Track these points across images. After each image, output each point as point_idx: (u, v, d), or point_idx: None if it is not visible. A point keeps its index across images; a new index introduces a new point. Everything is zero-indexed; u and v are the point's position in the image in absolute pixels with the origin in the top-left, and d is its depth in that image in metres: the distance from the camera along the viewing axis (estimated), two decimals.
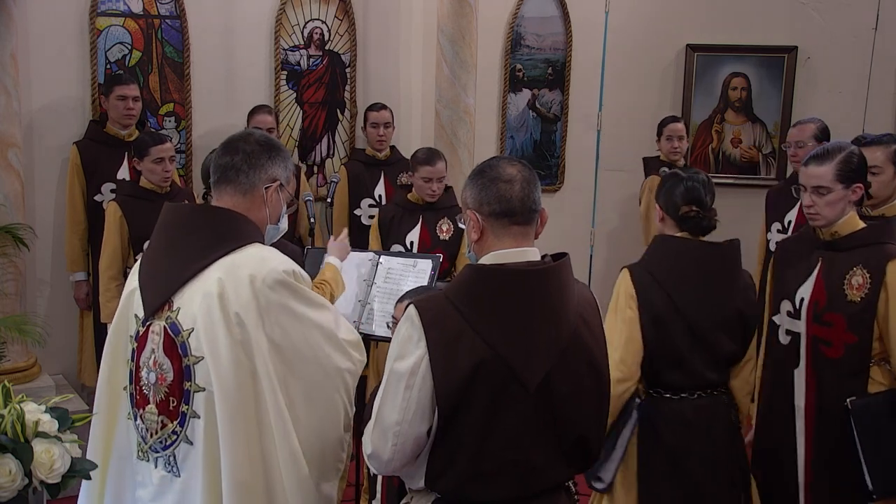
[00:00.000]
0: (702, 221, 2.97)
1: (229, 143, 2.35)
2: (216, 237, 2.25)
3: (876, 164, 3.35)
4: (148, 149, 4.27)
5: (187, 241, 2.28)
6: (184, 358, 2.22)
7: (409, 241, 4.54)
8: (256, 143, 2.34)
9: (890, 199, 3.45)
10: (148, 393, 2.29)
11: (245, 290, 2.18)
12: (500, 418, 2.02)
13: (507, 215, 2.09)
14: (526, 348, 2.02)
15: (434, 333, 2.01)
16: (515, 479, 2.06)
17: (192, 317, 2.21)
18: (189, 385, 2.22)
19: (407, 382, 2.02)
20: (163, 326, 2.26)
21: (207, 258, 2.22)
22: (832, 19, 5.86)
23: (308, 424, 2.26)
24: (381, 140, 5.21)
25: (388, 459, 2.06)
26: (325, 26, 5.47)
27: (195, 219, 2.34)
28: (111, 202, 4.37)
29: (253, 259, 2.22)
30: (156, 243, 2.39)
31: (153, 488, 2.32)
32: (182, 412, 2.23)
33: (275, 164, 2.34)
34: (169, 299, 2.25)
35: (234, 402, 2.17)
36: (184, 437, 2.24)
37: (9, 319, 3.97)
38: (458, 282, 2.09)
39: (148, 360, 2.29)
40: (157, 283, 2.30)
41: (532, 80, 6.07)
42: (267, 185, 2.33)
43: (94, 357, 4.67)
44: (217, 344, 2.18)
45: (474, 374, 1.99)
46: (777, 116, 6.00)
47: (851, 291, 2.87)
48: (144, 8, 4.97)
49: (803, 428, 3.01)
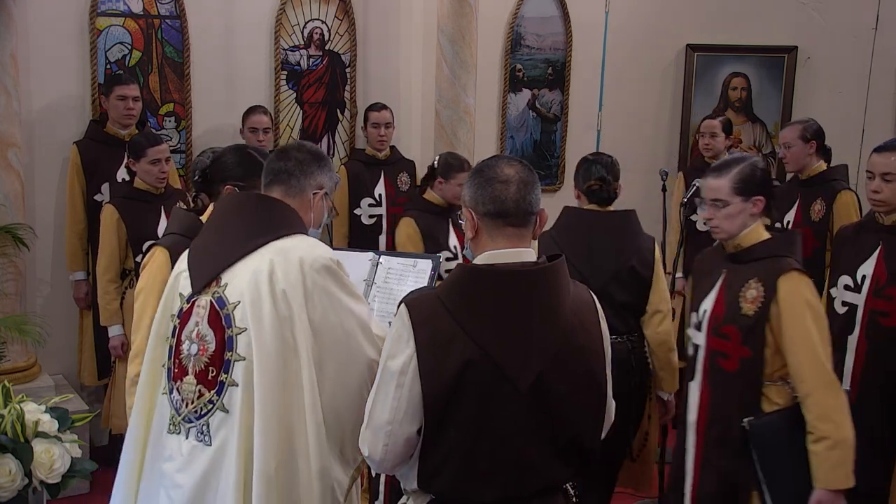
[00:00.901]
0: (602, 193, 3.64)
1: (283, 151, 2.52)
2: (270, 223, 2.40)
3: (890, 170, 3.36)
4: (144, 150, 4.27)
5: (240, 224, 2.43)
6: (227, 329, 2.33)
7: (453, 246, 4.46)
8: (308, 152, 2.52)
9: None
10: (187, 364, 2.38)
11: (294, 271, 2.30)
12: (491, 418, 2.01)
13: (501, 216, 2.09)
14: (517, 349, 2.02)
15: (423, 332, 2.00)
16: (509, 478, 2.05)
17: (239, 292, 2.33)
18: (230, 355, 2.32)
19: (397, 381, 2.02)
20: (209, 300, 2.37)
21: (260, 240, 2.36)
22: (832, 19, 5.86)
23: (332, 406, 2.34)
24: (382, 140, 5.21)
25: (381, 459, 2.07)
26: (325, 26, 5.47)
27: (250, 205, 2.47)
28: (107, 204, 4.36)
29: (303, 244, 2.37)
30: (209, 227, 2.54)
31: (181, 460, 2.37)
32: (220, 381, 2.33)
33: (323, 173, 2.50)
34: (217, 276, 2.38)
35: (273, 371, 2.28)
36: (220, 406, 2.33)
37: (9, 319, 3.96)
38: (450, 281, 2.08)
39: (191, 333, 2.39)
40: (207, 261, 2.43)
41: (532, 80, 6.08)
42: (315, 192, 2.48)
43: (94, 357, 4.67)
44: (262, 317, 2.29)
45: (462, 374, 1.98)
46: (777, 116, 6.01)
47: (746, 304, 2.78)
48: (144, 8, 4.97)
49: (693, 444, 2.93)
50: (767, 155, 6.06)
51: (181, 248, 2.89)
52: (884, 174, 3.34)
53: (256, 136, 4.90)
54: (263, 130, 4.94)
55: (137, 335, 2.88)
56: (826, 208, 4.43)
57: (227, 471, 2.29)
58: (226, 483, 2.28)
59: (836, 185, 4.47)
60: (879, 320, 3.32)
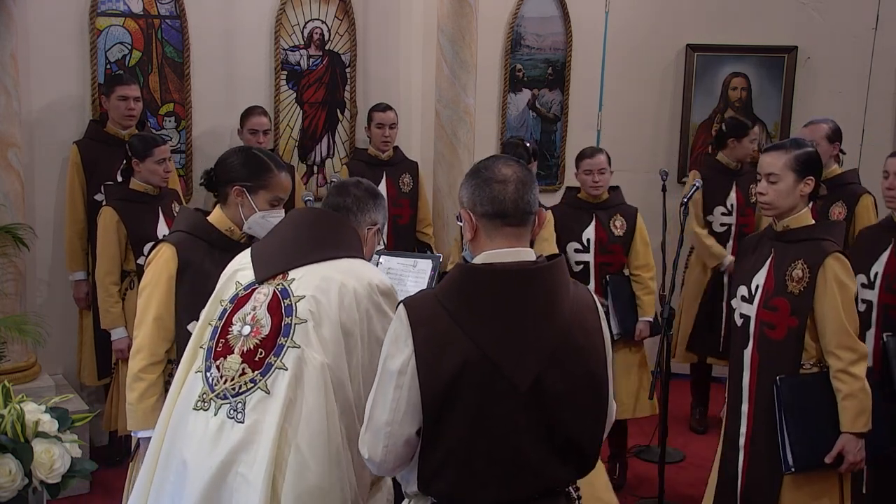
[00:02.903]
0: None
1: (342, 186, 2.70)
2: (344, 241, 2.59)
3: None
4: (151, 150, 4.27)
5: (315, 233, 2.60)
6: (286, 317, 2.44)
7: (586, 239, 4.51)
8: (365, 190, 2.69)
9: None
10: (234, 344, 2.47)
11: (363, 287, 2.48)
12: (489, 418, 2.01)
13: (500, 216, 2.09)
14: (514, 348, 2.01)
15: (421, 333, 2.00)
16: (508, 480, 2.04)
17: (307, 288, 2.46)
18: (284, 341, 2.42)
19: (396, 382, 2.02)
20: (273, 290, 2.50)
21: (332, 252, 2.54)
22: (832, 19, 5.86)
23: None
24: (386, 141, 5.21)
25: (382, 461, 2.06)
26: (325, 26, 5.48)
27: (328, 221, 2.64)
28: (106, 207, 4.34)
29: (371, 269, 2.58)
30: (278, 232, 2.67)
31: (205, 436, 2.41)
32: (268, 363, 2.42)
33: (377, 210, 2.69)
34: (286, 271, 2.52)
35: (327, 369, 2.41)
36: (262, 386, 2.40)
37: (9, 319, 3.96)
38: (448, 281, 2.08)
39: (245, 316, 2.49)
40: (276, 256, 2.57)
41: (532, 80, 6.08)
42: (369, 227, 2.67)
43: (94, 357, 4.67)
44: (323, 317, 2.43)
45: (460, 374, 1.98)
46: (777, 116, 6.00)
47: (792, 283, 3.08)
48: (144, 8, 4.97)
49: (747, 403, 3.22)
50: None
51: (187, 245, 2.92)
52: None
53: (256, 137, 4.89)
54: (263, 132, 4.93)
55: (140, 331, 2.90)
56: (847, 211, 4.44)
57: (261, 450, 2.34)
58: (257, 461, 2.34)
59: (856, 188, 4.49)
60: (892, 314, 3.46)
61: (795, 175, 3.08)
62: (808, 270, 3.04)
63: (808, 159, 3.11)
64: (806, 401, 3.05)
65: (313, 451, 2.37)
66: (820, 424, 3.03)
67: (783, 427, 3.06)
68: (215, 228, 2.96)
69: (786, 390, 3.06)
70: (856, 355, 3.00)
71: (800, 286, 3.05)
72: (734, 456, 3.25)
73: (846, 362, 2.99)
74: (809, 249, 3.07)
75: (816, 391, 3.05)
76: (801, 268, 3.06)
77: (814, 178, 3.11)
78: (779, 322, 3.11)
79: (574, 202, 4.61)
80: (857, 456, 3.01)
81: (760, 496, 3.16)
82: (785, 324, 3.09)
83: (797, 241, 3.11)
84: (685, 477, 4.77)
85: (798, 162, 3.09)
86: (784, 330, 3.09)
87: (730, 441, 3.29)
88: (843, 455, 3.01)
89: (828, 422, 3.03)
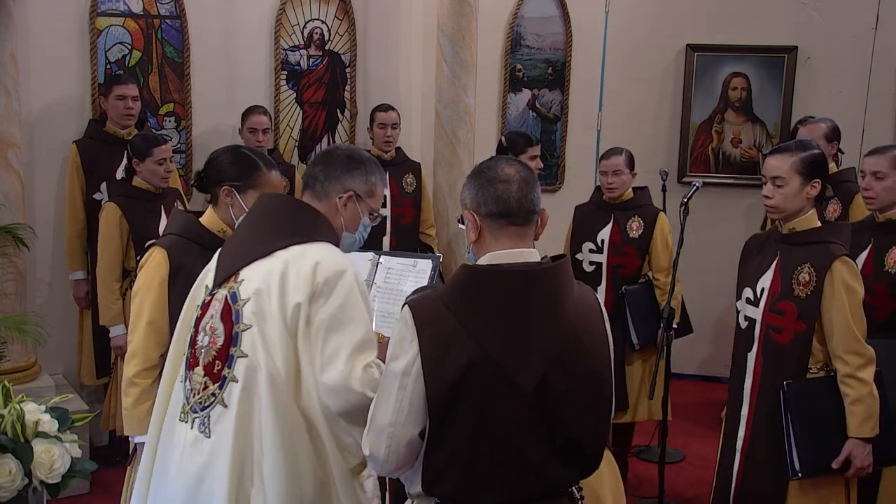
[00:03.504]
0: None
1: (318, 155, 2.58)
2: (295, 226, 2.42)
3: (879, 168, 3.50)
4: (151, 150, 4.27)
5: (268, 224, 2.45)
6: (235, 325, 2.35)
7: (601, 239, 4.52)
8: (337, 156, 2.52)
9: None
10: (199, 356, 2.41)
11: (306, 275, 2.30)
12: (494, 419, 2.01)
13: (505, 216, 2.09)
14: (519, 349, 2.01)
15: (427, 334, 2.00)
16: (513, 481, 2.04)
17: (250, 289, 2.35)
18: (234, 350, 2.34)
19: (400, 383, 2.02)
20: (224, 295, 2.40)
21: (282, 242, 2.38)
22: (832, 19, 5.86)
23: None
24: (389, 141, 5.21)
25: (384, 460, 2.06)
26: (325, 26, 5.48)
27: (281, 207, 2.51)
28: (109, 203, 4.34)
29: (322, 251, 2.37)
30: (241, 225, 2.57)
31: (185, 449, 2.39)
32: (223, 375, 2.34)
33: (352, 177, 2.49)
34: (237, 271, 2.41)
35: (274, 374, 2.29)
36: (220, 400, 2.34)
37: (9, 319, 3.96)
38: (453, 282, 2.08)
39: (206, 325, 2.42)
40: (231, 256, 2.47)
41: (532, 80, 6.08)
42: (340, 195, 2.47)
43: (94, 357, 4.67)
44: (266, 316, 2.31)
45: (465, 375, 1.98)
46: (777, 116, 6.00)
47: (799, 287, 3.05)
48: (144, 8, 4.97)
49: (747, 407, 3.20)
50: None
51: (179, 248, 2.89)
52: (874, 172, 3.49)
53: (256, 136, 4.90)
54: (263, 131, 4.93)
55: (133, 336, 2.87)
56: (842, 209, 4.43)
57: (220, 465, 2.29)
58: (219, 477, 2.29)
59: (851, 187, 4.47)
60: (872, 315, 3.33)
61: (802, 178, 3.04)
62: (815, 274, 3.00)
63: (814, 161, 3.07)
64: (813, 406, 3.01)
65: (276, 461, 2.27)
66: (827, 429, 2.99)
67: (790, 432, 3.02)
68: (207, 230, 2.92)
69: (793, 395, 3.01)
70: (863, 360, 2.97)
71: (807, 290, 3.01)
72: (731, 460, 3.23)
73: (854, 367, 2.96)
74: (817, 252, 3.03)
75: (823, 396, 3.01)
76: (807, 271, 3.02)
77: (820, 181, 3.06)
78: (785, 326, 3.07)
79: (597, 202, 4.64)
80: (865, 461, 2.98)
81: (758, 501, 3.14)
82: (792, 328, 3.05)
83: (804, 244, 3.07)
84: (685, 477, 4.77)
85: (804, 164, 3.05)
86: (791, 334, 3.05)
87: (728, 445, 3.27)
88: (851, 460, 2.98)
89: (835, 427, 2.99)
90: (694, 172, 6.07)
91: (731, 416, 3.28)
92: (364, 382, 2.24)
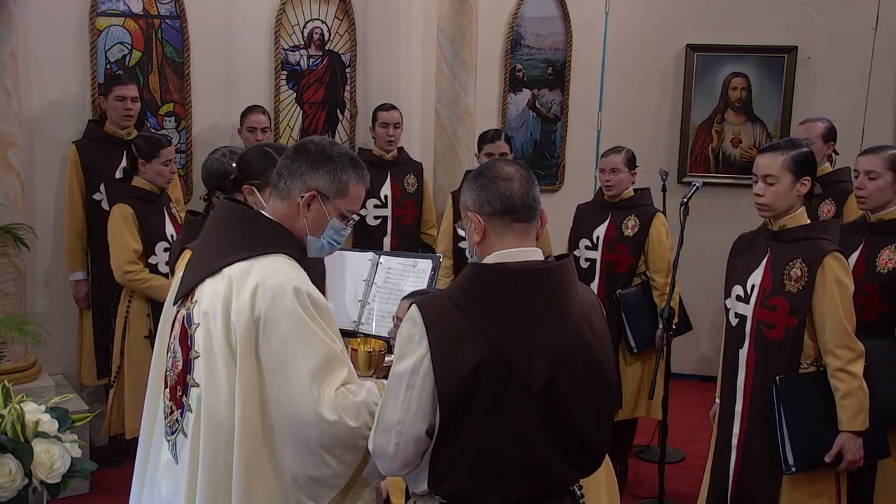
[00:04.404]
0: None
1: (290, 148, 2.33)
2: (245, 239, 2.21)
3: (872, 168, 3.48)
4: (158, 151, 4.28)
5: (220, 237, 2.28)
6: (190, 350, 2.21)
7: (596, 236, 4.56)
8: (307, 151, 2.26)
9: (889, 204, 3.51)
10: (168, 377, 2.30)
11: (245, 297, 2.12)
12: (502, 418, 2.01)
13: (509, 213, 2.09)
14: (528, 348, 2.02)
15: (436, 332, 2.00)
16: (520, 480, 2.05)
17: (201, 311, 2.19)
18: (189, 378, 2.21)
19: (408, 381, 2.02)
20: (183, 316, 2.26)
21: (230, 258, 2.19)
22: (832, 19, 5.86)
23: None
24: (391, 140, 5.20)
25: (392, 457, 2.06)
26: (325, 26, 5.47)
27: (233, 217, 2.30)
28: (120, 203, 4.30)
29: (265, 269, 2.15)
30: (202, 237, 2.38)
31: (163, 469, 2.34)
32: (182, 403, 2.23)
33: (317, 174, 2.23)
34: (192, 290, 2.25)
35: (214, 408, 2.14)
36: (181, 428, 2.23)
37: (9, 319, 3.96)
38: (461, 281, 2.08)
39: (172, 346, 2.30)
40: (189, 272, 2.30)
41: (532, 80, 6.08)
42: (303, 195, 2.23)
43: (94, 357, 4.67)
44: (212, 344, 2.16)
45: (476, 374, 1.98)
46: (777, 116, 6.00)
47: (790, 282, 3.09)
48: (144, 8, 4.97)
49: (741, 403, 3.23)
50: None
51: None
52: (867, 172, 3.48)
53: (255, 135, 4.89)
54: (262, 130, 4.93)
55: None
56: (836, 209, 4.42)
57: (182, 497, 2.21)
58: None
59: (845, 187, 4.44)
60: (861, 316, 3.34)
61: (792, 175, 3.08)
62: (806, 269, 3.04)
63: (804, 159, 3.11)
64: (805, 400, 3.06)
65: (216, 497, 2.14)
66: (819, 424, 3.03)
67: (782, 427, 3.05)
68: None
69: (785, 390, 3.05)
70: (854, 354, 3.02)
71: (798, 285, 3.05)
72: (726, 456, 3.25)
73: (845, 361, 3.01)
74: (808, 248, 3.07)
75: (815, 391, 3.05)
76: (799, 267, 3.05)
77: (810, 178, 3.10)
78: (777, 321, 3.10)
79: (598, 200, 4.71)
80: (857, 454, 3.02)
81: (755, 496, 3.16)
82: (783, 323, 3.09)
83: (794, 241, 3.11)
84: (685, 477, 4.77)
85: (795, 162, 3.08)
86: (782, 329, 3.09)
87: (722, 441, 3.28)
88: (843, 454, 3.02)
89: (826, 421, 3.03)
90: (694, 172, 6.08)
91: (723, 412, 3.30)
92: (338, 408, 2.08)
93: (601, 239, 4.54)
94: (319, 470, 2.12)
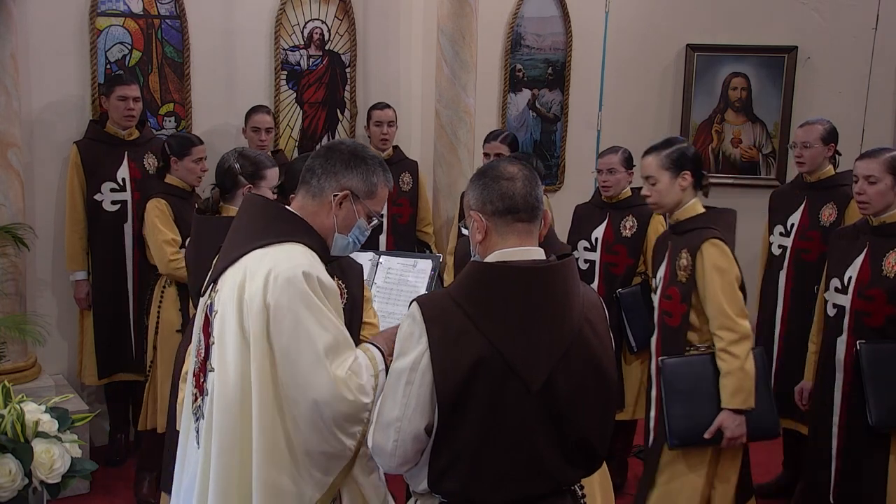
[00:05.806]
0: None
1: (322, 148, 2.41)
2: (264, 229, 2.29)
3: (872, 172, 3.50)
4: (190, 148, 4.33)
5: (244, 229, 2.35)
6: (210, 337, 2.28)
7: (595, 237, 4.57)
8: (340, 151, 2.35)
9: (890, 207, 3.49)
10: (194, 366, 2.38)
11: (258, 283, 2.17)
12: (502, 416, 2.01)
13: (511, 212, 2.10)
14: (528, 347, 2.02)
15: (435, 330, 2.01)
16: (519, 479, 2.05)
17: (222, 300, 2.26)
18: (208, 364, 2.28)
19: (407, 378, 2.03)
20: (206, 304, 2.34)
21: (249, 246, 2.26)
22: (832, 19, 5.86)
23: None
24: (385, 139, 5.21)
25: (391, 454, 2.06)
26: (325, 26, 5.48)
27: (255, 210, 2.39)
28: (156, 198, 4.30)
29: (280, 255, 2.21)
30: (231, 228, 2.44)
31: (191, 455, 2.39)
32: (205, 388, 2.29)
33: (351, 175, 2.32)
34: (216, 280, 2.32)
35: (229, 396, 2.20)
36: (202, 413, 2.29)
37: (9, 319, 3.97)
38: (462, 279, 2.09)
39: (197, 335, 2.38)
40: (217, 263, 2.38)
41: (532, 80, 6.08)
42: (335, 193, 2.31)
43: (94, 357, 4.67)
44: (226, 331, 2.22)
45: (475, 371, 1.99)
46: (777, 116, 6.00)
47: (680, 272, 3.32)
48: (144, 8, 4.97)
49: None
50: (768, 155, 6.06)
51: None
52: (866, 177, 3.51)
53: (259, 135, 4.89)
54: (266, 130, 4.93)
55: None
56: (838, 213, 4.32)
57: (200, 480, 2.27)
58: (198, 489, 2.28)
59: (847, 191, 4.28)
60: (864, 321, 3.41)
61: (670, 173, 3.30)
62: (690, 259, 3.26)
63: (680, 155, 3.33)
64: (689, 380, 3.26)
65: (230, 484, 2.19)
66: (703, 402, 3.23)
67: (664, 406, 3.26)
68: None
69: (668, 371, 3.27)
70: (736, 335, 3.20)
71: (686, 274, 3.29)
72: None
73: (727, 342, 3.19)
74: (692, 238, 3.28)
75: (698, 371, 3.26)
76: (685, 257, 3.29)
77: (690, 171, 3.32)
78: (674, 309, 3.34)
79: (596, 201, 4.71)
80: (736, 431, 3.20)
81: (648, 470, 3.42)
82: (679, 311, 3.32)
83: (685, 232, 3.32)
84: None
85: (669, 160, 3.31)
86: (679, 317, 3.32)
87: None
88: (722, 431, 3.20)
89: (710, 400, 3.23)
90: None
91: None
92: (352, 387, 2.15)
93: (599, 240, 4.54)
94: (332, 445, 2.18)
